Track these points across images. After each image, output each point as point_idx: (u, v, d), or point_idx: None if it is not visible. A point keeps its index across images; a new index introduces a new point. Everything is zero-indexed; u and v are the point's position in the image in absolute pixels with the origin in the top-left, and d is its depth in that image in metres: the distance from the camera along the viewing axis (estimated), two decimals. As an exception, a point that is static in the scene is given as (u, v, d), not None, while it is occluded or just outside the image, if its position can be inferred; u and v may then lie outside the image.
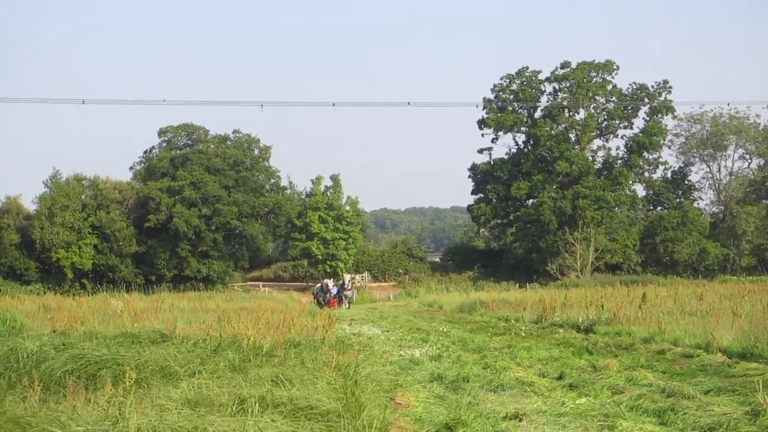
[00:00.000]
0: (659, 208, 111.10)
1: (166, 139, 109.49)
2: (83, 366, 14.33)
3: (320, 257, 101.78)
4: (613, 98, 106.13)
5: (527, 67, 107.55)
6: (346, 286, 63.50)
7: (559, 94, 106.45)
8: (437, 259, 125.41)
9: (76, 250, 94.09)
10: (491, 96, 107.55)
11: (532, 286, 79.34)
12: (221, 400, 11.05)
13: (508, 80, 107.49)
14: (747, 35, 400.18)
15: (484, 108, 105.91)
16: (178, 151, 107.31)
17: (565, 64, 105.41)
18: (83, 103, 74.45)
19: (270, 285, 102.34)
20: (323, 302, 60.42)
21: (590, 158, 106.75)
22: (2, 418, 8.59)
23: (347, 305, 61.17)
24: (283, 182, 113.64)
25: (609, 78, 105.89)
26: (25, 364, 14.40)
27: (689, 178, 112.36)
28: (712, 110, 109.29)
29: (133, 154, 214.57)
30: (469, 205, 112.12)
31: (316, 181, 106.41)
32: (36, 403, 10.23)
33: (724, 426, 11.58)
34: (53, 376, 13.57)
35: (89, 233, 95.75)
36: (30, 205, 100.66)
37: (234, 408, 10.31)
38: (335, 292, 62.86)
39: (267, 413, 10.16)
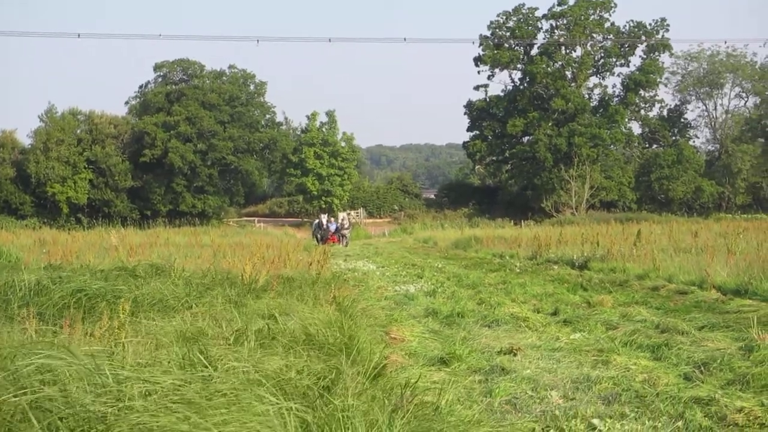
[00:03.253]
0: (655, 146, 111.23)
1: (162, 74, 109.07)
2: (80, 299, 14.34)
3: (315, 193, 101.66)
4: (611, 36, 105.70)
5: (524, 4, 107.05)
6: (343, 224, 63.33)
7: (555, 31, 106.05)
8: (432, 196, 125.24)
9: (72, 184, 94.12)
10: (488, 33, 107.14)
11: (527, 223, 79.23)
12: (218, 332, 11.10)
13: (504, 17, 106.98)
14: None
15: (481, 45, 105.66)
16: (174, 86, 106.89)
17: (562, 1, 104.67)
18: (78, 36, 74.31)
19: (265, 221, 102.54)
20: (321, 239, 60.01)
21: (586, 96, 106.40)
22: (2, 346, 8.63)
23: (346, 243, 60.97)
24: (279, 118, 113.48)
25: (606, 15, 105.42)
26: (21, 297, 14.42)
27: (685, 116, 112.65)
28: (709, 48, 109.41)
29: (129, 88, 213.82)
30: (464, 142, 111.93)
31: (312, 117, 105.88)
32: (33, 335, 10.26)
33: (718, 361, 11.62)
34: (50, 309, 13.61)
35: (84, 168, 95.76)
36: (25, 140, 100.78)
37: (231, 340, 10.36)
38: (333, 229, 62.64)
39: (264, 346, 10.20)
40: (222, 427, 6.55)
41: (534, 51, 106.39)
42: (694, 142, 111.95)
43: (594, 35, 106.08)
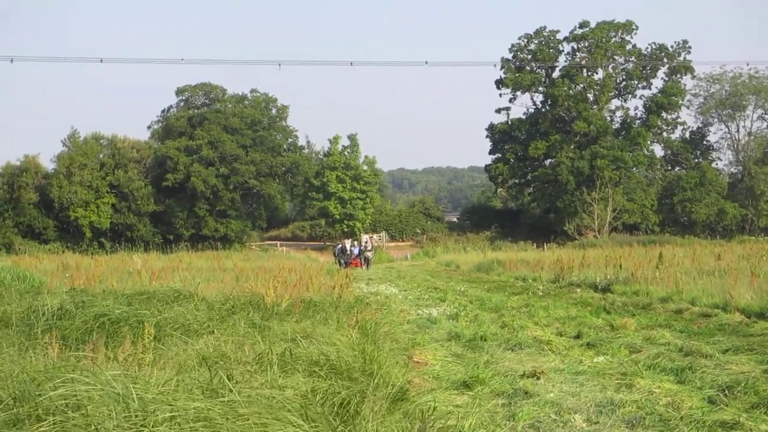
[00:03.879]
0: (677, 168, 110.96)
1: (184, 98, 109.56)
2: (103, 324, 14.39)
3: (338, 217, 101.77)
4: (632, 58, 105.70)
5: (545, 27, 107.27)
6: (366, 246, 63.25)
7: (577, 54, 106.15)
8: (455, 219, 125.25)
9: (94, 209, 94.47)
10: (509, 56, 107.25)
11: (549, 246, 79.17)
12: (241, 356, 11.11)
13: (526, 40, 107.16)
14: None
15: (502, 68, 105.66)
16: (196, 111, 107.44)
17: (583, 24, 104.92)
18: (101, 61, 74.44)
19: (287, 244, 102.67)
20: (343, 263, 59.95)
21: (608, 118, 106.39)
22: (24, 371, 8.68)
23: (368, 266, 60.91)
24: (301, 142, 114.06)
25: (628, 38, 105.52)
26: (45, 322, 14.47)
27: (708, 138, 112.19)
28: (731, 70, 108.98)
29: (151, 113, 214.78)
30: (486, 165, 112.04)
31: (334, 140, 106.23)
32: (56, 359, 10.30)
33: (743, 384, 11.57)
34: (73, 333, 13.65)
35: (107, 192, 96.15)
36: (48, 164, 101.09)
37: (254, 365, 10.37)
38: (356, 253, 62.53)
39: (287, 370, 10.22)
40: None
41: (556, 74, 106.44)
42: (716, 164, 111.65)
43: (616, 57, 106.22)
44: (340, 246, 65.14)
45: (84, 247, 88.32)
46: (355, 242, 67.01)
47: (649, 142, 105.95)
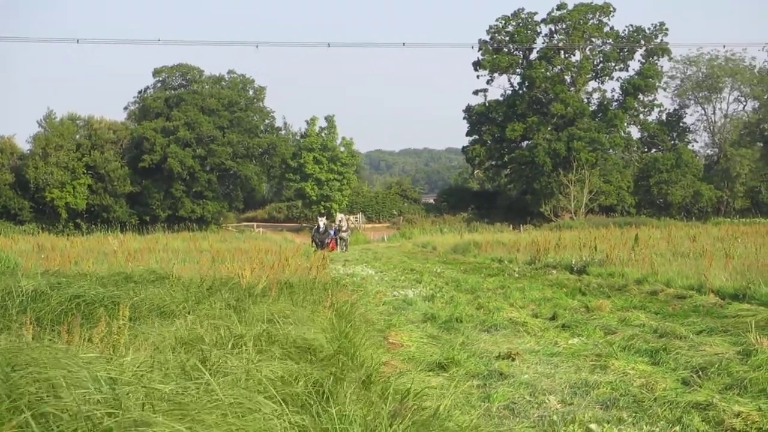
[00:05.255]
0: (654, 150, 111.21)
1: (161, 79, 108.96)
2: (78, 305, 14.31)
3: (315, 198, 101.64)
4: (609, 40, 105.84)
5: (523, 9, 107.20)
6: (341, 226, 62.98)
7: (554, 35, 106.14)
8: (431, 201, 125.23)
9: (71, 189, 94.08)
10: (487, 37, 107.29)
11: (525, 228, 79.33)
12: (217, 338, 11.09)
13: (503, 22, 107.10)
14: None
15: (480, 49, 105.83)
16: (173, 92, 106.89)
17: (561, 6, 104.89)
18: (77, 42, 74.17)
19: (264, 226, 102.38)
20: (320, 244, 59.36)
21: (585, 100, 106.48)
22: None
23: (345, 247, 60.74)
24: (278, 123, 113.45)
25: (605, 20, 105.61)
26: (19, 303, 14.38)
27: (684, 120, 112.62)
28: (708, 52, 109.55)
29: (128, 94, 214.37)
30: (463, 147, 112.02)
31: (311, 122, 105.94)
32: (31, 341, 10.24)
33: (716, 365, 11.62)
34: (48, 315, 13.58)
35: (83, 173, 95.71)
36: (24, 145, 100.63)
37: (230, 346, 10.35)
38: (333, 234, 62.11)
39: (263, 351, 10.19)
40: (220, 434, 6.54)
41: (533, 55, 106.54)
42: (692, 146, 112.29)
43: (593, 40, 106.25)
44: (317, 226, 64.62)
45: (60, 228, 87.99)
46: (332, 223, 66.67)
47: (625, 124, 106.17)
